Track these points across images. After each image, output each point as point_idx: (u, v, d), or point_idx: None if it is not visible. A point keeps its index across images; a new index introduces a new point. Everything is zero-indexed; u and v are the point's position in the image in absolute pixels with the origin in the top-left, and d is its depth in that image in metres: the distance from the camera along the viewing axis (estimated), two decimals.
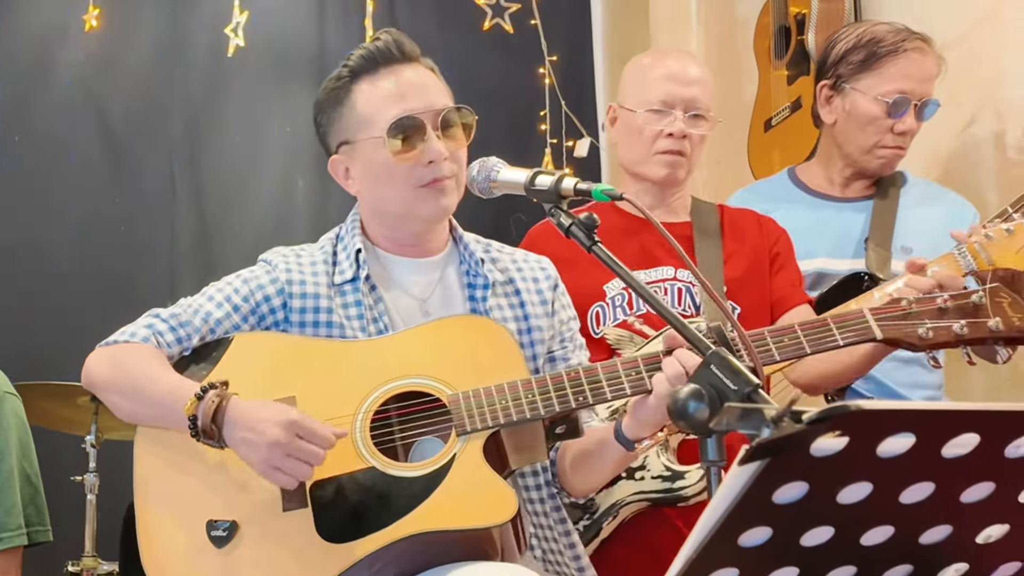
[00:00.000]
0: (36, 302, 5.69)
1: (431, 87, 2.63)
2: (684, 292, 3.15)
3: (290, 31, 6.25)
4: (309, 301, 2.62)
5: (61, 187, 5.87)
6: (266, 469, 2.31)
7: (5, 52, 5.90)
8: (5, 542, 2.60)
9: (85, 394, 4.26)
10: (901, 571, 1.35)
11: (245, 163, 6.18)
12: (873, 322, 2.48)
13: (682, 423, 1.81)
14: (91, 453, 4.40)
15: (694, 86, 3.17)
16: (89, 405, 4.35)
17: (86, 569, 4.30)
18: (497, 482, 2.36)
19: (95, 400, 4.27)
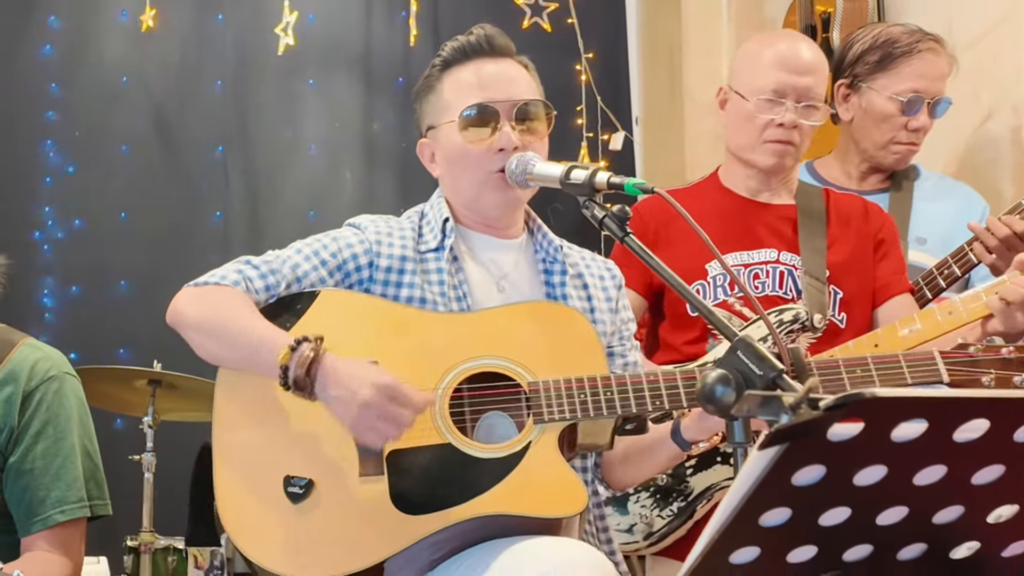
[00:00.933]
0: (94, 289, 5.73)
1: (515, 80, 2.64)
2: (786, 275, 3.11)
3: (338, 30, 6.24)
4: (395, 263, 2.61)
5: (116, 179, 5.90)
6: (356, 428, 2.31)
7: (66, 51, 5.93)
8: (67, 513, 2.59)
9: (142, 377, 4.35)
10: (915, 549, 1.35)
11: (294, 157, 6.19)
12: (942, 366, 2.48)
13: (710, 407, 1.83)
14: (148, 434, 4.43)
15: (808, 75, 3.11)
16: (146, 388, 4.39)
17: (144, 543, 4.33)
18: (570, 474, 2.36)
19: (152, 383, 4.36)
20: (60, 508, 2.58)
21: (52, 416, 2.63)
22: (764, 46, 3.22)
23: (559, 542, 2.24)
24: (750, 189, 3.22)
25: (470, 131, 2.58)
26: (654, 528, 2.98)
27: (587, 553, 2.16)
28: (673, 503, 2.96)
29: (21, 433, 2.60)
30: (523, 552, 2.20)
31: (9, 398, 2.59)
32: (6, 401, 2.59)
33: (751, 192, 3.22)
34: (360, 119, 6.28)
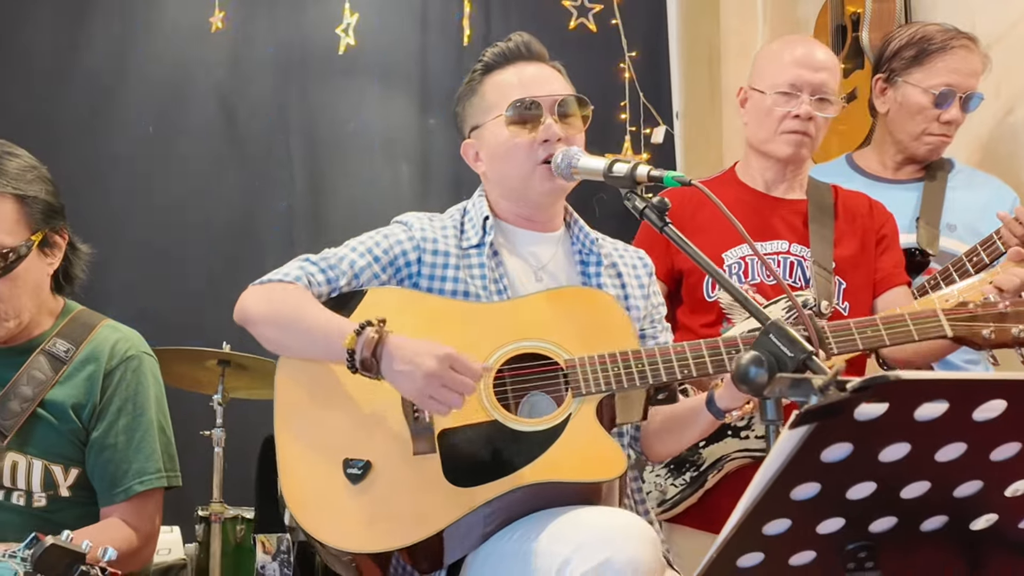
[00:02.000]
0: (169, 275, 5.76)
1: (553, 80, 2.68)
2: (796, 265, 3.13)
3: (394, 30, 6.25)
4: (440, 258, 2.64)
5: (189, 173, 5.94)
6: (421, 398, 2.33)
7: (140, 51, 5.97)
8: (146, 484, 2.61)
9: (213, 358, 4.39)
10: (937, 521, 1.36)
11: (355, 150, 6.20)
12: (945, 322, 2.51)
13: (743, 386, 1.83)
14: (218, 411, 4.46)
15: (822, 71, 3.13)
16: (216, 368, 4.43)
17: (214, 513, 4.37)
18: (609, 441, 2.38)
19: (221, 363, 4.40)
20: (139, 479, 2.60)
21: (132, 393, 2.65)
22: (782, 48, 3.25)
23: (605, 511, 2.26)
24: (766, 183, 3.24)
25: (515, 125, 2.61)
26: (667, 496, 3.00)
27: (632, 520, 2.18)
28: (686, 473, 2.98)
29: (103, 410, 2.61)
30: (571, 519, 2.22)
31: (91, 376, 2.61)
32: (88, 379, 2.61)
33: (766, 186, 3.24)
34: (416, 115, 6.30)
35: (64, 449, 2.60)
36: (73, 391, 2.60)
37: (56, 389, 2.59)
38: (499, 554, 2.35)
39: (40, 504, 2.57)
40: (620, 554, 2.06)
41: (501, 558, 2.33)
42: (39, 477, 2.56)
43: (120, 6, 5.96)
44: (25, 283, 2.55)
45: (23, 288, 2.55)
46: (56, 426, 2.58)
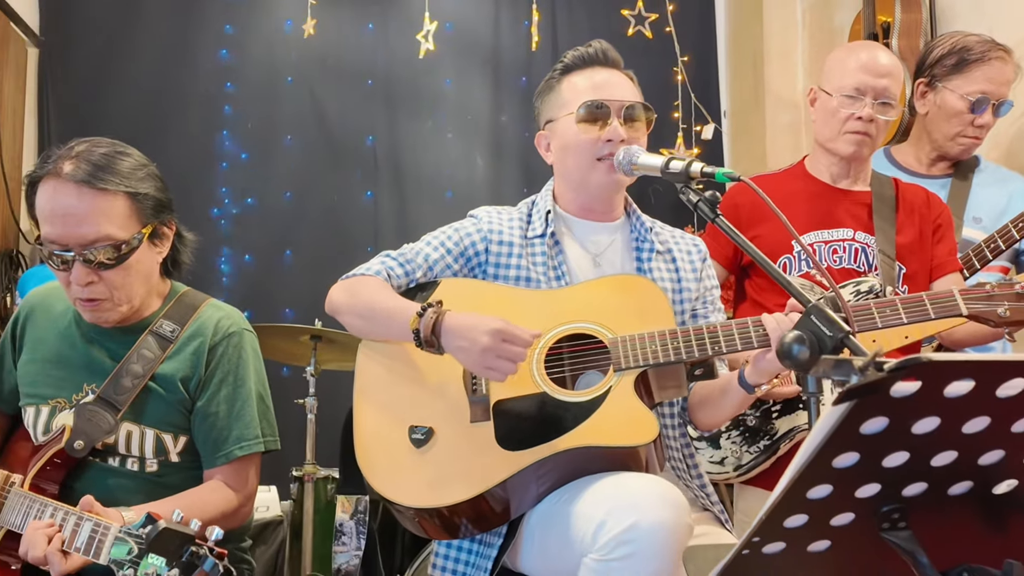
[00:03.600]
0: (264, 258, 5.85)
1: (623, 86, 2.68)
2: (860, 252, 3.12)
3: (470, 36, 6.30)
4: (504, 248, 2.69)
5: (282, 164, 6.02)
6: (479, 369, 2.38)
7: (239, 55, 6.06)
8: (245, 448, 2.63)
9: (306, 333, 4.40)
10: (963, 486, 1.36)
11: (433, 144, 6.24)
12: (960, 301, 2.49)
13: (787, 362, 1.84)
14: (311, 381, 4.47)
15: (885, 77, 3.11)
16: (309, 342, 4.44)
17: (307, 474, 4.40)
18: (644, 411, 2.38)
19: (313, 338, 4.41)
20: (239, 444, 2.63)
21: (232, 366, 2.67)
22: (849, 53, 3.21)
23: (639, 477, 2.28)
24: (832, 176, 3.22)
25: (584, 123, 2.62)
26: (742, 462, 3.01)
27: (661, 486, 2.18)
28: (760, 441, 2.99)
29: (207, 381, 2.63)
30: (608, 485, 2.25)
31: (197, 350, 2.64)
32: (194, 353, 2.63)
33: (833, 179, 3.23)
34: (489, 112, 6.33)
35: (173, 418, 2.62)
36: (180, 365, 2.62)
37: (165, 364, 2.60)
38: (549, 514, 2.38)
39: (152, 469, 2.59)
40: (647, 518, 2.08)
41: (551, 518, 2.36)
42: (151, 445, 2.58)
43: (222, 13, 6.05)
44: (137, 272, 2.56)
45: (135, 277, 2.56)
46: (166, 398, 2.60)
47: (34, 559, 2.26)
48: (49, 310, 2.74)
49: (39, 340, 2.71)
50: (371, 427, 2.54)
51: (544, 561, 2.43)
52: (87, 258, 2.45)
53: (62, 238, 2.45)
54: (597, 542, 2.12)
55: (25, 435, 2.69)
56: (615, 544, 2.08)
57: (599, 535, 2.12)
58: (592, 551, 2.13)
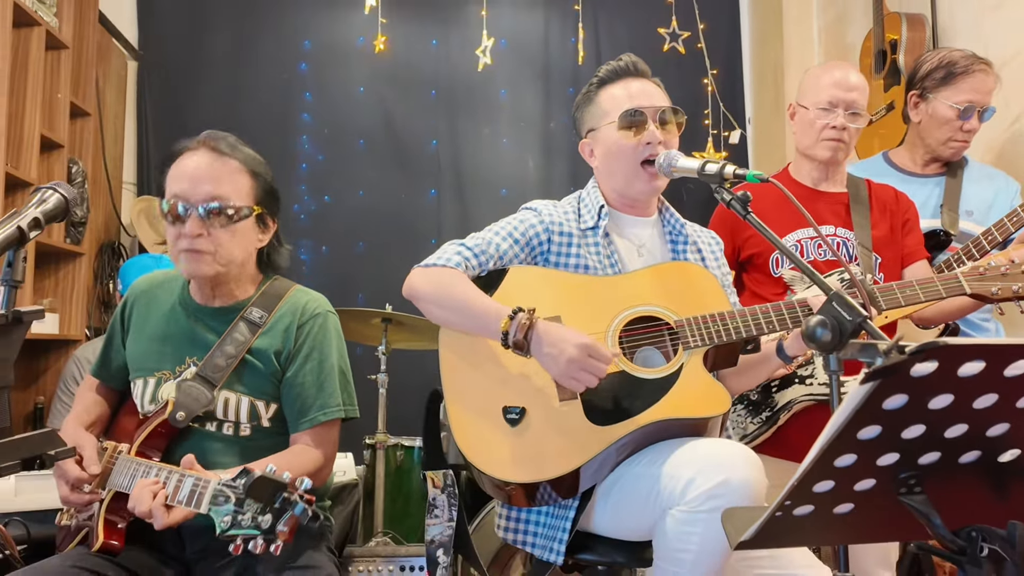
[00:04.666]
0: (340, 249, 5.91)
1: (655, 94, 2.67)
2: (842, 245, 3.14)
3: (523, 52, 6.34)
4: (565, 238, 2.65)
5: (355, 165, 6.09)
6: (563, 378, 2.36)
7: (317, 67, 6.14)
8: (327, 415, 2.63)
9: (377, 316, 4.42)
10: (972, 455, 1.36)
11: (489, 147, 6.28)
12: (964, 281, 2.56)
13: (811, 344, 1.83)
14: (382, 359, 4.50)
15: (853, 91, 3.16)
16: (380, 324, 4.47)
17: (379, 442, 4.45)
18: (717, 384, 2.40)
19: (384, 320, 4.43)
20: (323, 411, 2.62)
21: (318, 343, 2.67)
22: (823, 72, 3.25)
23: (720, 441, 2.30)
24: (813, 179, 3.25)
25: (624, 130, 2.62)
26: (747, 432, 3.01)
27: (743, 449, 2.20)
28: (762, 413, 2.99)
29: (295, 355, 2.63)
30: (692, 448, 2.26)
31: (287, 328, 2.65)
32: (285, 330, 2.64)
33: (814, 182, 3.25)
34: (540, 120, 6.36)
35: (266, 387, 2.62)
36: (273, 340, 2.63)
37: (259, 340, 2.62)
38: (629, 476, 2.37)
39: (245, 433, 2.60)
40: (735, 475, 2.10)
41: (632, 479, 2.36)
42: (246, 410, 2.60)
43: (302, 30, 6.14)
44: (239, 240, 2.59)
45: (236, 242, 2.59)
46: (260, 369, 2.61)
47: (140, 513, 2.28)
48: (155, 296, 2.77)
49: (146, 322, 2.74)
50: (466, 408, 2.51)
51: (617, 521, 2.43)
52: (203, 212, 2.52)
53: (186, 192, 2.53)
54: (686, 496, 2.14)
55: (130, 410, 2.73)
56: (705, 498, 2.11)
57: (688, 490, 2.14)
58: (680, 504, 2.15)
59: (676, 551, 2.17)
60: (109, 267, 5.53)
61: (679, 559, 2.17)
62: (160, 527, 2.27)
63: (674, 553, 2.17)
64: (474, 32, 5.43)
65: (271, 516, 2.03)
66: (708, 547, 2.13)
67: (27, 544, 3.12)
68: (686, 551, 2.15)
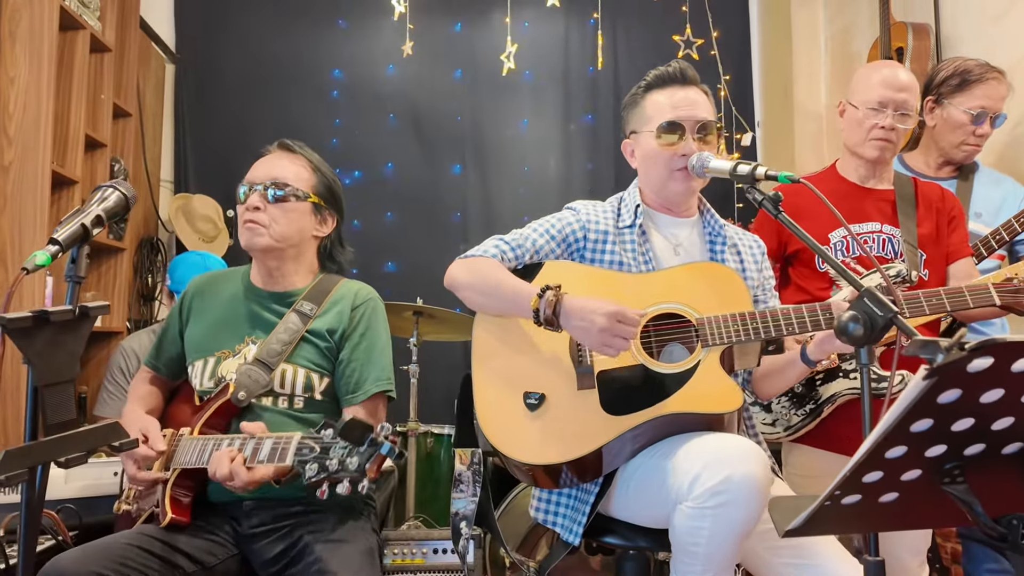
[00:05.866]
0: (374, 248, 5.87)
1: (699, 104, 2.64)
2: (887, 241, 3.10)
3: (545, 57, 6.33)
4: (600, 236, 2.65)
5: (382, 167, 6.10)
6: (597, 346, 2.35)
7: (348, 75, 6.17)
8: (379, 386, 2.71)
9: (409, 309, 4.44)
10: (1015, 447, 1.35)
11: (513, 149, 6.28)
12: (994, 293, 2.53)
13: (844, 338, 1.83)
14: (413, 351, 4.51)
15: (903, 92, 3.10)
16: (411, 317, 4.48)
17: (410, 429, 4.47)
18: (730, 382, 2.38)
19: (415, 314, 4.45)
20: (375, 383, 2.70)
21: (370, 324, 2.76)
22: (873, 71, 3.20)
23: (728, 437, 2.27)
24: (860, 177, 3.21)
25: (663, 138, 2.61)
26: (791, 423, 2.99)
27: (749, 444, 2.17)
28: (806, 405, 2.97)
29: (350, 334, 2.72)
30: (701, 443, 2.24)
31: (341, 311, 2.73)
32: (339, 313, 2.73)
33: (861, 179, 3.21)
34: (560, 121, 6.35)
35: (321, 362, 2.68)
36: (329, 321, 2.72)
37: (317, 321, 2.72)
38: (644, 467, 2.37)
39: (298, 406, 2.67)
40: (739, 471, 2.08)
41: (646, 470, 2.36)
42: (302, 382, 2.67)
43: (330, 40, 6.17)
44: (293, 219, 2.73)
45: (289, 221, 2.72)
46: (319, 345, 2.68)
47: (220, 476, 2.36)
48: (216, 287, 2.88)
49: (207, 310, 2.83)
50: (490, 392, 2.53)
51: (636, 508, 2.44)
52: (263, 190, 2.71)
53: (255, 175, 2.75)
54: (693, 492, 2.12)
55: (184, 399, 2.81)
56: (710, 494, 2.09)
57: (695, 486, 2.12)
58: (688, 499, 2.13)
59: (688, 544, 2.17)
60: (148, 261, 5.56)
61: (692, 552, 2.17)
62: (241, 487, 2.35)
63: (687, 546, 2.17)
64: (498, 39, 5.46)
65: (358, 458, 2.13)
66: (718, 540, 2.12)
67: (78, 531, 3.15)
68: (697, 544, 2.15)
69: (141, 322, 5.45)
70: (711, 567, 2.16)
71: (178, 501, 2.55)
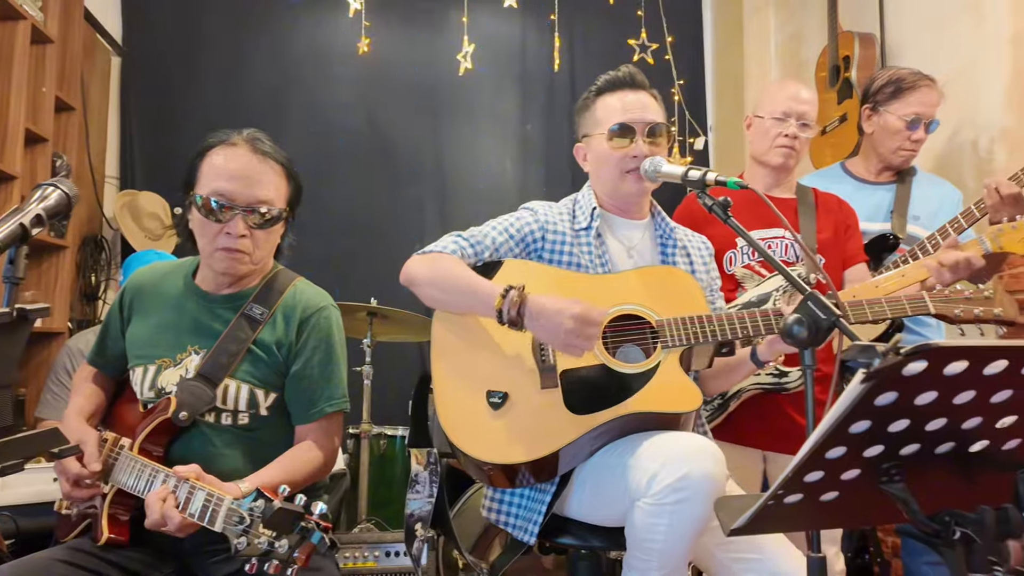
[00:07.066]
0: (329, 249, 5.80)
1: (648, 107, 2.71)
2: (790, 247, 3.23)
3: (502, 58, 6.37)
4: (559, 237, 2.69)
5: (343, 166, 6.08)
6: (561, 346, 2.38)
7: (301, 66, 6.13)
8: (334, 406, 2.59)
9: (362, 310, 4.42)
10: (947, 446, 1.40)
11: (470, 149, 6.30)
12: (929, 302, 2.61)
13: (788, 340, 1.90)
14: (367, 351, 4.51)
15: (805, 104, 3.29)
16: (365, 318, 4.47)
17: (363, 431, 4.46)
18: (690, 382, 2.44)
19: (370, 314, 4.44)
20: (329, 402, 2.58)
21: (324, 336, 2.63)
22: (779, 88, 3.40)
23: (686, 435, 2.32)
24: (766, 185, 3.38)
25: (614, 141, 2.68)
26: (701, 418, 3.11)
27: (706, 443, 2.23)
28: (714, 400, 3.08)
29: (301, 348, 2.58)
30: (660, 441, 2.29)
31: (291, 321, 2.60)
32: (288, 323, 2.60)
33: (766, 188, 3.37)
34: (516, 123, 6.40)
35: (266, 376, 2.55)
36: (278, 332, 2.58)
37: (263, 333, 2.57)
38: (602, 466, 2.41)
39: (243, 423, 2.53)
40: (697, 469, 2.14)
41: (604, 469, 2.40)
42: (245, 398, 2.52)
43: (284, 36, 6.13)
44: (273, 240, 2.60)
45: (271, 243, 2.59)
46: (264, 359, 2.55)
47: (152, 523, 2.22)
48: (159, 285, 2.71)
49: (149, 310, 2.68)
50: (452, 391, 2.52)
51: (591, 507, 2.47)
52: (250, 215, 2.50)
53: (233, 194, 2.49)
54: (652, 489, 2.17)
55: (129, 398, 2.67)
56: (668, 491, 2.15)
57: (653, 483, 2.17)
58: (646, 496, 2.19)
59: (645, 541, 2.22)
60: (92, 260, 5.44)
61: (648, 548, 2.22)
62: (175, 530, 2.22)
63: (643, 543, 2.22)
64: (455, 38, 5.47)
65: (287, 541, 2.03)
66: (674, 537, 2.18)
67: (15, 538, 3.06)
68: (654, 541, 2.20)
69: (84, 322, 5.32)
70: (666, 563, 2.21)
71: (116, 519, 2.44)
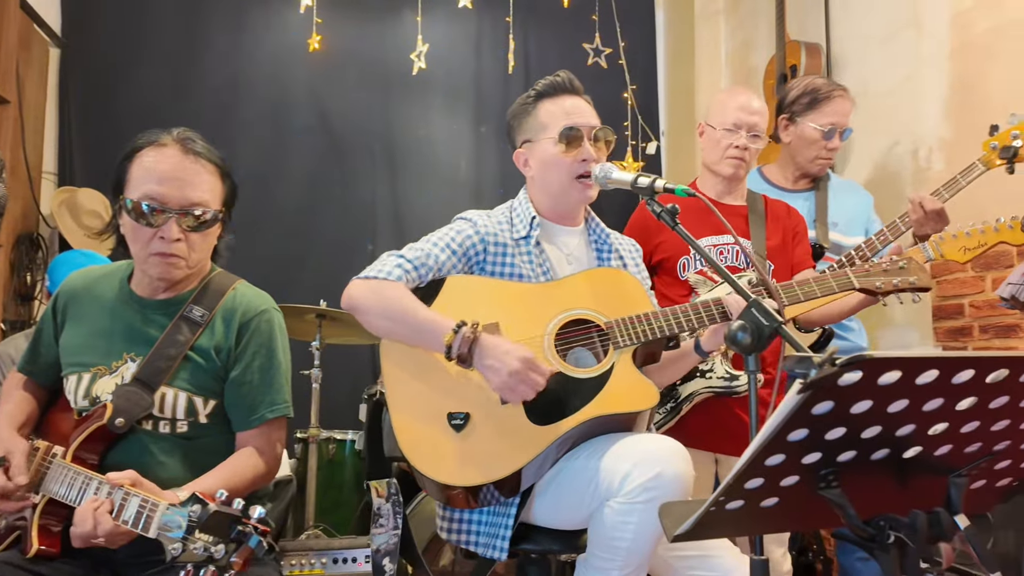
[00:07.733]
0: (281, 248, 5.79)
1: (588, 112, 2.78)
2: (740, 253, 3.31)
3: (457, 58, 6.40)
4: (500, 248, 2.74)
5: (293, 166, 6.03)
6: (503, 390, 2.43)
7: (250, 67, 6.06)
8: (276, 412, 2.55)
9: (311, 312, 4.41)
10: (882, 452, 1.45)
11: (425, 149, 6.30)
12: (853, 277, 2.76)
13: (733, 346, 1.97)
14: (315, 354, 4.51)
15: (755, 116, 3.38)
16: (314, 320, 4.46)
17: (311, 436, 4.45)
18: (645, 380, 2.50)
19: (319, 316, 4.43)
20: (270, 408, 2.56)
21: (265, 340, 2.59)
22: (729, 97, 3.48)
23: (653, 437, 2.40)
24: (717, 193, 3.47)
25: (563, 145, 2.72)
26: (654, 421, 3.15)
27: (675, 445, 2.31)
28: (667, 403, 3.15)
29: (241, 353, 2.55)
30: (629, 443, 2.36)
31: (231, 325, 2.57)
32: (227, 327, 2.56)
33: (718, 195, 3.47)
34: (471, 123, 6.43)
35: (205, 383, 2.51)
36: (215, 337, 2.54)
37: (202, 338, 2.53)
38: (566, 470, 2.46)
39: (182, 431, 2.48)
40: (669, 469, 2.23)
41: (569, 473, 2.44)
42: (183, 406, 2.48)
43: (233, 31, 6.05)
44: (209, 243, 2.56)
45: (207, 246, 2.55)
46: (202, 365, 2.51)
47: (82, 535, 2.17)
48: (93, 290, 2.66)
49: (83, 316, 2.62)
50: (410, 416, 2.53)
51: (556, 512, 2.51)
52: (183, 218, 2.46)
53: (165, 196, 2.44)
54: (623, 488, 2.24)
55: (63, 407, 2.61)
56: (640, 490, 2.22)
57: (625, 483, 2.24)
58: (618, 496, 2.25)
59: (612, 539, 2.27)
60: (27, 259, 5.29)
61: (615, 547, 2.28)
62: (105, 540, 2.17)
63: (610, 541, 2.28)
64: (409, 37, 5.48)
65: (223, 547, 2.01)
66: (642, 535, 2.25)
67: None
68: (622, 539, 2.26)
69: (19, 323, 5.17)
70: (630, 562, 2.29)
71: (47, 530, 2.39)
